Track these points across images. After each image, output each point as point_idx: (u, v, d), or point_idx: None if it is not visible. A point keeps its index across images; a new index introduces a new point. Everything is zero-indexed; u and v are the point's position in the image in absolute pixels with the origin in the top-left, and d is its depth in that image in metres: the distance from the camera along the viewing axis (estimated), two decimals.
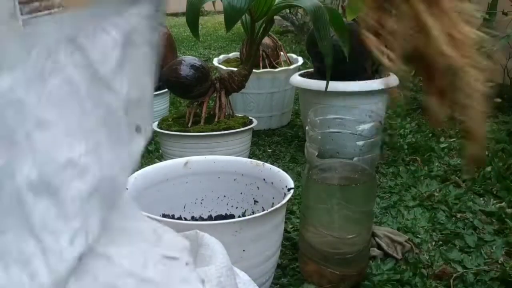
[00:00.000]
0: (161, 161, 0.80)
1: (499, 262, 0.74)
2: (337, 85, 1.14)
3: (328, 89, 1.06)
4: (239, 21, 0.96)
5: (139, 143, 0.26)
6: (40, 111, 0.21)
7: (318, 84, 1.20)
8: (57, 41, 0.22)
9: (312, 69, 1.39)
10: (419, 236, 0.83)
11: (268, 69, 1.44)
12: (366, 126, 0.67)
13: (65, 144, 0.22)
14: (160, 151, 1.20)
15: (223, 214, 0.76)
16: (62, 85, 0.22)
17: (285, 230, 0.82)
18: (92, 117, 0.23)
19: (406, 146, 1.27)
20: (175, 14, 4.67)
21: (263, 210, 0.64)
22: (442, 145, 1.26)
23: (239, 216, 0.75)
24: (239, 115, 1.13)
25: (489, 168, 1.08)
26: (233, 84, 1.05)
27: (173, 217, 0.73)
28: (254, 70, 1.13)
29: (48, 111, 0.21)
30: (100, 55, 0.23)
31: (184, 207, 0.75)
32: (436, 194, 0.99)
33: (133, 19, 0.25)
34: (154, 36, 0.26)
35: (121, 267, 0.25)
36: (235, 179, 0.75)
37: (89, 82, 0.23)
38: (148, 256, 0.27)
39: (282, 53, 1.56)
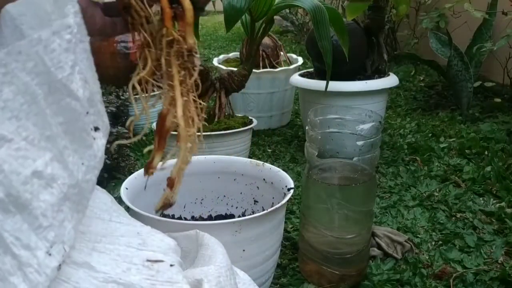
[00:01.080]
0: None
1: (499, 262, 0.75)
2: (337, 85, 1.14)
3: (328, 89, 1.06)
4: (239, 21, 0.96)
5: (100, 142, 0.26)
6: None
7: (318, 84, 1.20)
8: (7, 52, 0.21)
9: (312, 69, 1.39)
10: (419, 236, 0.83)
11: (268, 69, 1.45)
12: (366, 126, 0.67)
13: (29, 156, 0.22)
14: None
15: (223, 214, 0.76)
16: (17, 96, 0.21)
17: (285, 230, 0.82)
18: (53, 125, 0.23)
19: (406, 146, 1.27)
20: None
21: (263, 210, 0.64)
22: (442, 145, 1.26)
23: (239, 216, 0.75)
24: (239, 115, 1.13)
25: (489, 168, 1.08)
26: (233, 84, 1.05)
27: (173, 217, 0.73)
28: (254, 70, 1.13)
29: (4, 126, 0.21)
30: (56, 60, 0.23)
31: (184, 207, 0.75)
32: (436, 194, 0.99)
33: (73, 16, 0.24)
34: (85, 29, 0.26)
35: (102, 275, 0.25)
36: (235, 179, 0.75)
37: (47, 90, 0.23)
38: (131, 261, 0.27)
39: (282, 53, 1.56)
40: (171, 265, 0.28)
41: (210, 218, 0.77)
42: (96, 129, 0.26)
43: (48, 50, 0.23)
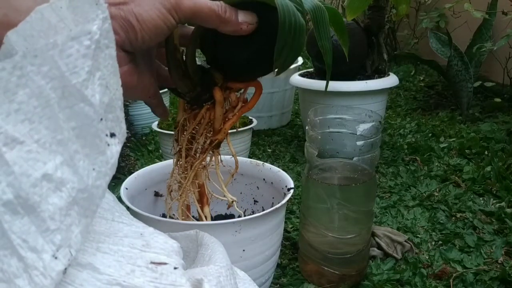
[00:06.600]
0: (161, 161, 0.80)
1: (499, 261, 0.75)
2: (337, 85, 1.14)
3: (328, 89, 1.06)
4: None
5: (115, 148, 0.26)
6: (8, 129, 0.21)
7: (318, 84, 1.20)
8: (23, 54, 0.21)
9: (312, 69, 1.39)
10: (419, 236, 0.83)
11: None
12: (366, 126, 0.67)
13: (39, 159, 0.22)
14: (160, 151, 1.20)
15: (223, 214, 0.76)
16: (31, 99, 0.21)
17: (285, 230, 0.82)
18: (65, 129, 0.23)
19: (406, 146, 1.27)
20: None
21: (263, 210, 0.64)
22: (441, 145, 1.26)
23: (239, 216, 0.75)
24: None
25: (489, 168, 1.08)
26: None
27: (173, 217, 0.73)
28: None
29: (17, 128, 0.21)
30: (71, 65, 0.23)
31: None
32: (436, 194, 0.99)
33: (100, 22, 0.24)
34: (113, 36, 0.26)
35: (106, 277, 0.25)
36: (235, 179, 0.75)
37: (61, 94, 0.23)
38: (135, 263, 0.27)
39: None
40: (174, 268, 0.28)
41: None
42: (112, 135, 0.26)
43: (64, 55, 0.23)
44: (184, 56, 0.45)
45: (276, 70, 0.42)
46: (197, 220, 0.57)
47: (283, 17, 0.38)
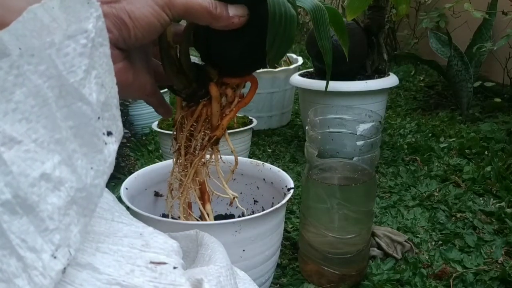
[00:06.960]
0: (161, 161, 0.79)
1: (499, 261, 0.74)
2: (337, 85, 1.14)
3: (328, 89, 1.06)
4: None
5: (112, 147, 0.26)
6: (6, 129, 0.21)
7: (318, 84, 1.20)
8: (20, 54, 0.21)
9: (312, 69, 1.39)
10: (419, 236, 0.83)
11: (268, 69, 1.45)
12: (366, 126, 0.67)
13: (37, 158, 0.22)
14: (160, 151, 1.20)
15: (223, 214, 0.76)
16: (28, 99, 0.21)
17: (285, 230, 0.82)
18: (63, 128, 0.23)
19: (406, 146, 1.27)
20: None
21: (263, 210, 0.64)
22: (441, 145, 1.26)
23: (239, 216, 0.75)
24: (239, 115, 1.13)
25: (489, 168, 1.08)
26: None
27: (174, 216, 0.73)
28: None
29: (14, 127, 0.21)
30: (68, 64, 0.23)
31: None
32: (436, 194, 0.99)
33: (94, 21, 0.24)
34: (106, 34, 0.26)
35: (106, 276, 0.25)
36: (234, 179, 0.75)
37: (58, 93, 0.23)
38: (135, 263, 0.27)
39: None
40: (174, 268, 0.28)
41: None
42: (109, 133, 0.26)
43: (61, 54, 0.23)
44: (178, 53, 0.45)
45: (269, 61, 0.42)
46: (199, 218, 0.57)
47: (272, 8, 0.38)
